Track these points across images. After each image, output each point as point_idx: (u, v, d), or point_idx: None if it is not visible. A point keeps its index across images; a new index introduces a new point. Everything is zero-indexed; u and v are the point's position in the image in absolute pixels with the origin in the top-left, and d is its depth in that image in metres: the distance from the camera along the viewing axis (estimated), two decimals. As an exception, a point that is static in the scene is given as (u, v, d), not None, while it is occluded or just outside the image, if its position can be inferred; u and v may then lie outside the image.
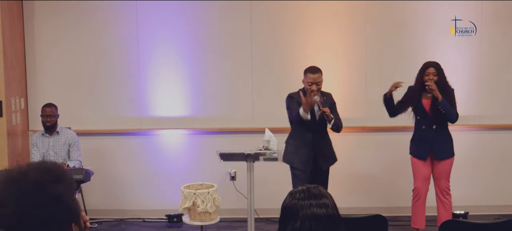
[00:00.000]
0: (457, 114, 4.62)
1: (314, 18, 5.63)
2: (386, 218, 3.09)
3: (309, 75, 4.42)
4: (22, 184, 1.41)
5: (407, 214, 5.24)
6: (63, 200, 1.45)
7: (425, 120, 4.63)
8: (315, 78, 4.39)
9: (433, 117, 4.60)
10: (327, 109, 4.35)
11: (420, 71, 4.63)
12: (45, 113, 5.14)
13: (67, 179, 1.48)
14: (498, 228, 3.11)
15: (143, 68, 5.68)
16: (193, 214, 4.10)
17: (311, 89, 4.38)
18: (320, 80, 4.42)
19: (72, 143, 5.18)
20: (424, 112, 4.63)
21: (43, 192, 1.41)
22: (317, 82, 4.40)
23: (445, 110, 4.52)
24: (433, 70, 4.57)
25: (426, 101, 4.62)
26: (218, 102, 5.71)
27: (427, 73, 4.57)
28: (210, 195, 4.08)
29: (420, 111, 4.65)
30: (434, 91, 4.48)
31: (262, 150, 4.35)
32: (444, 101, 4.51)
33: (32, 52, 5.71)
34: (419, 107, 4.64)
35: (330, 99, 4.59)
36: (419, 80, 4.61)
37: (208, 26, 5.66)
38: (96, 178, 5.47)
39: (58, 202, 1.43)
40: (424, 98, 4.63)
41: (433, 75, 4.55)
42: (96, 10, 5.66)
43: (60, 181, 1.45)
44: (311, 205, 1.77)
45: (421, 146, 4.69)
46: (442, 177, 4.70)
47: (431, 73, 4.56)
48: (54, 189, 1.43)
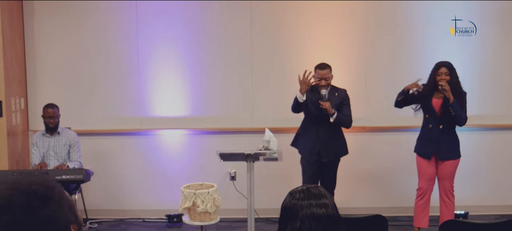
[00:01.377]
0: (466, 118, 4.62)
1: (314, 17, 5.63)
2: (386, 218, 3.08)
3: (318, 71, 4.68)
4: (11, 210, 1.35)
5: (407, 214, 5.24)
6: (56, 219, 1.39)
7: (433, 119, 4.63)
8: (324, 74, 4.65)
9: (441, 117, 4.59)
10: (326, 103, 4.56)
11: (433, 71, 4.64)
12: (47, 114, 5.10)
13: (56, 194, 1.41)
14: (498, 228, 3.10)
15: (143, 68, 5.68)
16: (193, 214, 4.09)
17: (321, 84, 4.63)
18: (328, 76, 4.67)
19: (72, 143, 5.17)
20: (432, 111, 4.62)
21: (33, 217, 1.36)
22: (325, 77, 4.65)
23: (454, 112, 4.51)
24: (445, 70, 4.57)
25: (437, 101, 4.62)
26: (218, 102, 5.71)
27: (439, 73, 4.58)
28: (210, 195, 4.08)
29: (428, 110, 4.64)
30: (447, 92, 4.48)
31: (262, 150, 4.35)
32: (455, 103, 4.51)
33: (32, 52, 5.71)
34: (429, 106, 4.64)
35: (342, 96, 4.76)
36: (432, 80, 4.61)
37: (208, 26, 5.66)
38: (96, 178, 5.46)
39: (50, 223, 1.38)
40: (435, 97, 4.63)
41: (445, 75, 4.56)
42: (96, 10, 5.66)
43: (49, 201, 1.39)
44: (310, 205, 1.77)
45: (426, 145, 4.68)
46: (445, 177, 4.70)
47: (443, 73, 4.57)
48: (45, 212, 1.37)
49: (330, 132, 4.71)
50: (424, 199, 4.73)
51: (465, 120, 4.61)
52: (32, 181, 1.41)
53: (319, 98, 4.64)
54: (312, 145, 4.71)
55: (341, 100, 4.74)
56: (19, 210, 1.35)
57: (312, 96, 4.70)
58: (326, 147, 4.71)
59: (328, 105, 4.58)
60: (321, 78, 4.64)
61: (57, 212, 1.39)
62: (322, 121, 4.66)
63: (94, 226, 5.50)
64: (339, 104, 4.71)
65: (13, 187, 1.39)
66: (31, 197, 1.37)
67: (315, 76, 4.66)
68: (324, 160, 4.71)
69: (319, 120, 4.68)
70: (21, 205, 1.35)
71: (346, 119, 4.72)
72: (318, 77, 4.65)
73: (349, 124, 4.76)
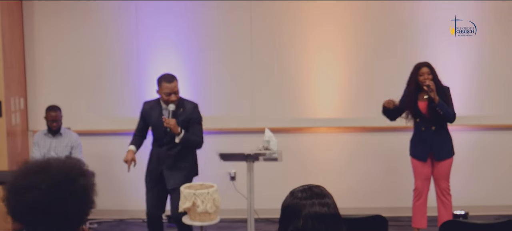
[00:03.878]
0: (455, 114, 4.60)
1: (314, 18, 5.62)
2: (386, 218, 3.08)
3: (165, 84, 4.18)
4: (53, 172, 1.46)
5: (407, 214, 5.23)
6: (87, 194, 1.53)
7: (424, 121, 4.62)
8: (173, 87, 4.19)
9: (431, 118, 4.58)
10: (171, 121, 4.11)
11: (413, 73, 4.62)
12: (50, 118, 5.08)
13: (89, 175, 1.56)
14: (498, 228, 3.10)
15: (143, 68, 5.67)
16: (193, 214, 4.09)
17: (170, 99, 4.18)
18: (177, 89, 4.24)
19: (74, 145, 5.16)
20: (421, 114, 4.62)
21: (71, 183, 1.48)
22: (175, 91, 4.20)
23: (443, 112, 4.50)
24: (427, 70, 4.56)
25: (422, 104, 4.61)
26: (218, 102, 5.70)
27: (422, 73, 4.55)
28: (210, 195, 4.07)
29: (417, 114, 4.64)
30: (433, 92, 4.46)
31: (262, 150, 4.34)
32: (441, 102, 4.49)
33: (32, 52, 5.71)
34: (416, 110, 4.63)
35: (189, 111, 4.31)
36: (414, 81, 4.59)
37: (208, 26, 5.66)
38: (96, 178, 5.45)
39: (83, 195, 1.51)
40: (420, 100, 4.62)
41: (427, 75, 4.54)
42: (96, 10, 5.66)
43: (84, 176, 1.53)
44: (313, 204, 1.77)
45: (421, 148, 4.68)
46: (442, 177, 4.70)
47: (425, 73, 4.55)
48: (81, 182, 1.50)
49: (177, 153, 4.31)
50: (421, 199, 4.73)
51: (454, 116, 4.60)
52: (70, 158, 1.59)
53: (160, 115, 4.23)
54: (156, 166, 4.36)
55: (188, 116, 4.27)
56: (61, 175, 1.47)
57: (153, 113, 4.28)
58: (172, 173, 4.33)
59: (173, 123, 4.12)
60: (171, 93, 4.16)
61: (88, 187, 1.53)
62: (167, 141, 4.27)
63: (94, 226, 5.49)
64: (187, 121, 4.26)
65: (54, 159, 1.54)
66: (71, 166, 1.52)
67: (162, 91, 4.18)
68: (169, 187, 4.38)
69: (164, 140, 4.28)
70: (64, 171, 1.48)
71: (195, 139, 4.28)
72: (167, 91, 4.16)
73: (201, 144, 4.34)
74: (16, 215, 1.45)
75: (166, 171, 4.38)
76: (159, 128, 4.30)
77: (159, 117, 4.28)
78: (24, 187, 1.43)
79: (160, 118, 4.27)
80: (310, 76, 5.66)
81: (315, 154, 5.74)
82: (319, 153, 5.74)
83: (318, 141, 5.75)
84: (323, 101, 5.67)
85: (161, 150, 4.37)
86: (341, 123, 5.66)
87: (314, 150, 5.74)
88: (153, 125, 4.38)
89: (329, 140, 5.74)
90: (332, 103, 5.67)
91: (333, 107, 5.67)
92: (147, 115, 4.38)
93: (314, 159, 5.73)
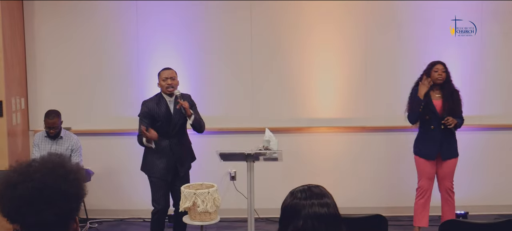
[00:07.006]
0: (463, 120, 4.71)
1: (314, 18, 5.63)
2: (386, 218, 3.09)
3: (163, 72, 4.41)
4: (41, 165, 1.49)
5: (407, 214, 5.24)
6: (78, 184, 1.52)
7: (435, 120, 4.63)
8: (170, 73, 4.39)
9: (442, 117, 4.60)
10: (185, 102, 4.29)
11: (428, 68, 4.66)
12: (48, 124, 5.01)
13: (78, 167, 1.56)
14: (498, 228, 3.10)
15: (143, 68, 5.68)
16: (193, 214, 4.09)
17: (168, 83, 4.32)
18: (175, 76, 4.42)
19: (74, 148, 5.14)
20: (435, 112, 4.62)
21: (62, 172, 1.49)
22: (172, 77, 4.39)
23: (458, 127, 4.64)
24: (442, 67, 4.62)
25: (436, 102, 4.63)
26: (218, 102, 5.71)
27: (436, 70, 4.61)
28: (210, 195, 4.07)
29: (430, 111, 4.64)
30: (451, 125, 4.55)
31: (262, 150, 4.35)
32: (457, 124, 4.61)
33: (32, 52, 5.71)
34: (431, 107, 4.63)
35: (188, 99, 4.49)
36: (428, 76, 4.64)
37: (208, 26, 5.66)
38: (96, 178, 5.47)
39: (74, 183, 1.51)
40: (433, 99, 4.63)
41: (442, 72, 4.59)
42: (96, 10, 5.66)
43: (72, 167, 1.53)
44: (313, 204, 1.77)
45: (430, 146, 4.68)
46: (447, 176, 4.72)
47: (439, 69, 4.61)
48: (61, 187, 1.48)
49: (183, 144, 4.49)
50: (424, 197, 4.73)
51: (463, 122, 4.72)
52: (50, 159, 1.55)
53: (167, 107, 4.37)
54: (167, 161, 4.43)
55: (189, 103, 4.43)
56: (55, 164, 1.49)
57: (160, 107, 4.39)
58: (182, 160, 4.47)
59: (187, 104, 4.30)
60: (168, 78, 4.36)
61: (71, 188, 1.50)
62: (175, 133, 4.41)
63: (94, 226, 5.50)
64: (190, 107, 4.40)
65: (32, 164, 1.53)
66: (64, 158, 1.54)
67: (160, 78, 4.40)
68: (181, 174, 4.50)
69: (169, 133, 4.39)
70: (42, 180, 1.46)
71: (202, 120, 4.50)
72: (166, 76, 4.37)
73: (204, 126, 4.54)
74: (10, 212, 1.46)
75: (179, 160, 4.47)
76: (170, 118, 4.38)
77: (168, 108, 4.39)
78: (16, 181, 1.45)
79: (168, 109, 4.38)
80: (310, 76, 5.66)
81: (315, 154, 5.74)
82: (319, 153, 5.74)
83: (318, 140, 5.75)
84: (323, 101, 5.68)
85: (172, 141, 4.43)
86: (341, 122, 5.67)
87: (314, 150, 5.75)
88: (163, 117, 4.39)
89: (329, 139, 5.74)
90: (332, 103, 5.68)
91: (333, 107, 5.68)
92: (154, 111, 4.40)
93: (314, 159, 5.73)
